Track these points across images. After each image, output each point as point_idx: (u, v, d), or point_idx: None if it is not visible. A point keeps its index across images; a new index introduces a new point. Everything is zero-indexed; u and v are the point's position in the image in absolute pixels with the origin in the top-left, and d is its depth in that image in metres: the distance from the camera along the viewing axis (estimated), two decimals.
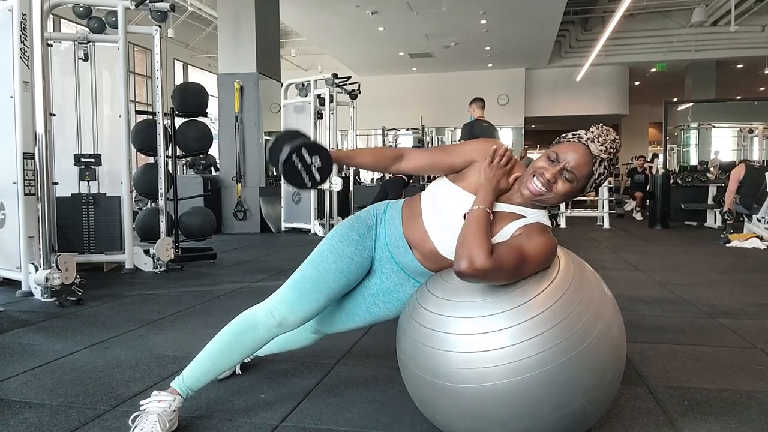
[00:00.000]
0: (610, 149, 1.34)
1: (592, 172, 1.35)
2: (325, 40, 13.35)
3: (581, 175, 1.35)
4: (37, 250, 3.33)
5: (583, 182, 1.36)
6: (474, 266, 1.24)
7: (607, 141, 1.34)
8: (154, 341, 2.40)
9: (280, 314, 1.52)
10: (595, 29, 14.35)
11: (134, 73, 13.05)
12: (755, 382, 1.90)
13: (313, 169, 1.36)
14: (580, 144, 1.35)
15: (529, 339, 1.24)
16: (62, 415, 1.63)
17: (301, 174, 1.36)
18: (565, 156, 1.34)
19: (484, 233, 1.29)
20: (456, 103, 13.49)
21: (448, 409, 1.35)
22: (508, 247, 1.29)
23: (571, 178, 1.34)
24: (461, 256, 1.26)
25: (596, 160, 1.34)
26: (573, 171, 1.34)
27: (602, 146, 1.33)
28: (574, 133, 1.38)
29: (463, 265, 1.25)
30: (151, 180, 4.67)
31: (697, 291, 3.50)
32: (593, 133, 1.35)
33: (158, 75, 4.56)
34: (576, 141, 1.36)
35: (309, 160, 1.36)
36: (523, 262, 1.29)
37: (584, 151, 1.34)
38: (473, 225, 1.31)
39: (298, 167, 1.35)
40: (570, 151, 1.35)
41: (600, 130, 1.36)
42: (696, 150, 12.16)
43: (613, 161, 1.36)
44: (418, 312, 1.42)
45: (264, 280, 4.00)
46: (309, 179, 1.37)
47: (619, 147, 1.36)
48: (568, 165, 1.34)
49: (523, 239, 1.33)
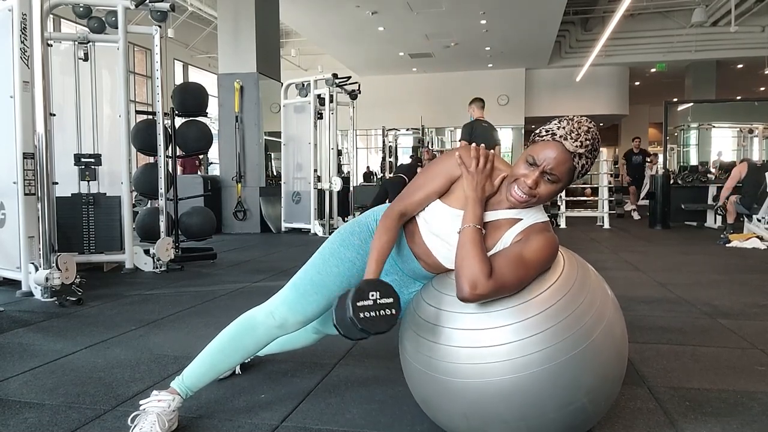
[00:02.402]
0: (585, 142, 1.29)
1: (573, 167, 1.31)
2: (325, 40, 13.35)
3: (562, 173, 1.31)
4: (37, 250, 3.33)
5: (567, 178, 1.33)
6: (476, 292, 1.24)
7: (581, 135, 1.29)
8: (154, 341, 2.40)
9: (281, 316, 1.51)
10: (595, 29, 14.36)
11: (134, 73, 13.05)
12: (756, 382, 1.90)
13: (381, 302, 1.25)
14: (555, 142, 1.30)
15: (532, 336, 1.24)
16: (62, 415, 1.63)
17: (378, 315, 1.25)
18: (542, 157, 1.30)
19: (480, 254, 1.28)
20: (456, 103, 13.50)
21: (450, 406, 1.35)
22: (507, 261, 1.28)
23: (553, 179, 1.31)
24: (462, 282, 1.26)
25: (575, 156, 1.29)
26: (553, 172, 1.30)
27: (576, 141, 1.28)
28: (547, 130, 1.32)
29: (466, 291, 1.25)
30: (151, 180, 4.67)
31: (698, 291, 3.50)
32: (565, 129, 1.30)
33: (158, 75, 4.56)
34: (550, 139, 1.31)
35: (370, 301, 1.25)
36: (525, 271, 1.28)
37: (560, 149, 1.29)
38: (467, 247, 1.29)
39: (371, 314, 1.24)
40: (547, 151, 1.30)
41: (571, 125, 1.30)
42: (696, 150, 12.17)
43: (592, 150, 1.31)
44: (421, 307, 1.42)
45: (264, 280, 4.00)
46: (388, 310, 1.26)
47: (595, 135, 1.31)
48: (548, 167, 1.30)
49: (522, 245, 1.31)
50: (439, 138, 16.79)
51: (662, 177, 8.30)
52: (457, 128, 14.20)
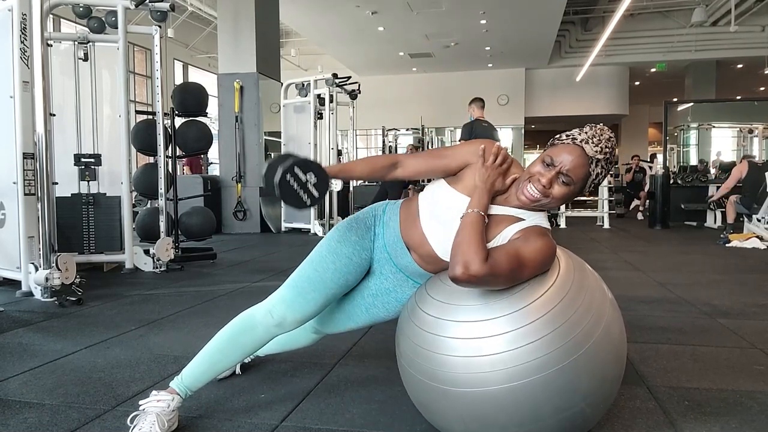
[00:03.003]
0: (605, 149, 1.31)
1: (589, 173, 1.32)
2: (325, 40, 13.35)
3: (578, 177, 1.32)
4: (37, 250, 3.33)
5: (581, 184, 1.34)
6: (469, 272, 1.23)
7: (602, 141, 1.31)
8: (154, 341, 2.40)
9: (279, 314, 1.51)
10: (595, 29, 14.35)
11: (134, 73, 13.05)
12: (755, 382, 1.90)
13: (309, 186, 1.35)
14: (574, 146, 1.32)
15: (529, 343, 1.23)
16: (62, 415, 1.63)
17: (298, 193, 1.34)
18: (560, 159, 1.32)
19: (479, 238, 1.28)
20: (456, 103, 13.50)
21: (448, 413, 1.35)
22: (504, 252, 1.28)
23: (568, 181, 1.32)
24: (456, 261, 1.26)
25: (592, 161, 1.31)
26: (569, 174, 1.31)
27: (597, 146, 1.31)
28: (568, 134, 1.35)
29: (458, 270, 1.24)
30: (151, 180, 4.67)
31: (697, 291, 3.50)
32: (587, 134, 1.32)
33: (158, 75, 4.56)
34: (570, 143, 1.33)
35: (304, 177, 1.35)
36: (519, 267, 1.27)
37: (580, 153, 1.31)
38: (468, 229, 1.30)
39: (294, 186, 1.34)
40: (565, 154, 1.32)
41: (594, 131, 1.33)
42: (696, 150, 12.16)
43: (609, 160, 1.33)
44: (417, 315, 1.41)
45: (264, 280, 4.00)
46: (307, 197, 1.36)
47: (614, 145, 1.34)
48: (564, 168, 1.31)
49: (521, 243, 1.31)
50: (439, 138, 16.76)
51: (662, 177, 8.30)
52: (457, 128, 14.19)
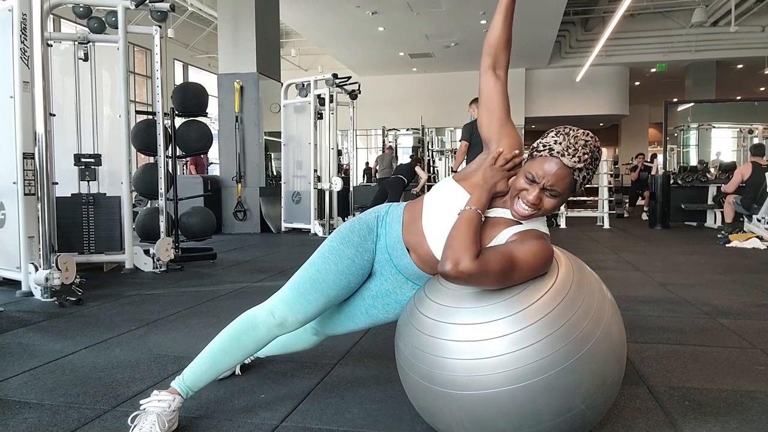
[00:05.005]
0: (583, 156, 1.29)
1: (574, 180, 1.31)
2: (325, 40, 13.35)
3: (563, 188, 1.31)
4: (37, 250, 3.33)
5: (568, 192, 1.33)
6: (458, 268, 1.23)
7: (578, 150, 1.28)
8: (154, 341, 2.40)
9: (281, 314, 1.51)
10: (595, 29, 14.36)
11: (134, 73, 13.05)
12: (756, 382, 1.90)
13: None
14: (552, 158, 1.30)
15: (529, 345, 1.23)
16: (62, 415, 1.63)
17: None
18: (541, 174, 1.30)
19: (472, 235, 1.28)
20: (456, 103, 13.50)
21: (447, 416, 1.34)
22: (497, 252, 1.28)
23: (554, 193, 1.31)
24: (447, 257, 1.25)
25: (574, 170, 1.30)
26: (554, 188, 1.30)
27: (574, 157, 1.28)
28: (545, 144, 1.31)
29: (448, 266, 1.24)
30: (151, 180, 4.67)
31: (697, 291, 3.50)
32: (561, 145, 1.29)
33: (158, 75, 4.56)
34: (548, 155, 1.30)
35: None
36: (511, 269, 1.26)
37: (559, 165, 1.29)
38: (462, 226, 1.30)
39: None
40: (545, 168, 1.30)
41: (568, 140, 1.29)
42: (696, 150, 12.17)
43: (591, 162, 1.31)
44: (416, 317, 1.40)
45: (264, 280, 4.00)
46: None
47: (593, 146, 1.31)
48: (548, 183, 1.30)
49: (515, 245, 1.31)
50: (439, 138, 16.78)
51: (662, 177, 8.30)
52: (457, 128, 14.22)
